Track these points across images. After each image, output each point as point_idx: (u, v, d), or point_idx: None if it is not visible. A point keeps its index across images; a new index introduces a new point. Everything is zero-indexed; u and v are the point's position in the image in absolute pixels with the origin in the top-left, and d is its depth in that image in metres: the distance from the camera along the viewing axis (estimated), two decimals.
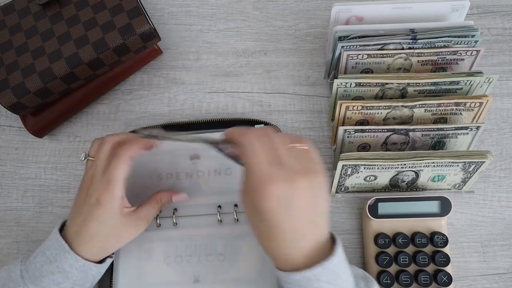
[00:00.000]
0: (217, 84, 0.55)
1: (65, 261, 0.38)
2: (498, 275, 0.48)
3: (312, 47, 0.57)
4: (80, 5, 0.50)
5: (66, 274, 0.38)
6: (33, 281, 0.38)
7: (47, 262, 0.38)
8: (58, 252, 0.38)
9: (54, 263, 0.38)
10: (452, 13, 0.48)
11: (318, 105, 0.54)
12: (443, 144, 0.47)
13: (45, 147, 0.54)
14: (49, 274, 0.38)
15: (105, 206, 0.38)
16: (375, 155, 0.43)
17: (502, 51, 0.56)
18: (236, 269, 0.45)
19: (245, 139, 0.34)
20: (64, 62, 0.48)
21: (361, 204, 0.50)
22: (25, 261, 0.40)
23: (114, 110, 0.55)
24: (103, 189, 0.38)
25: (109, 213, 0.39)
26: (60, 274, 0.38)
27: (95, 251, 0.40)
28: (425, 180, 0.47)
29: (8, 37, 0.50)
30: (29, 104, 0.49)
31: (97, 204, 0.38)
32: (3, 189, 0.52)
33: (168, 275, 0.45)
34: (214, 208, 0.47)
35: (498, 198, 0.50)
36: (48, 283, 0.38)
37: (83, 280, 0.39)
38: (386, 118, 0.46)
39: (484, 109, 0.45)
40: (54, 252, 0.38)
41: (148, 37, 0.50)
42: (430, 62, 0.47)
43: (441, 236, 0.46)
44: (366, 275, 0.40)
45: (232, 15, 0.58)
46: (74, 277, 0.38)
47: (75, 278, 0.38)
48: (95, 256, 0.40)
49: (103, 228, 0.39)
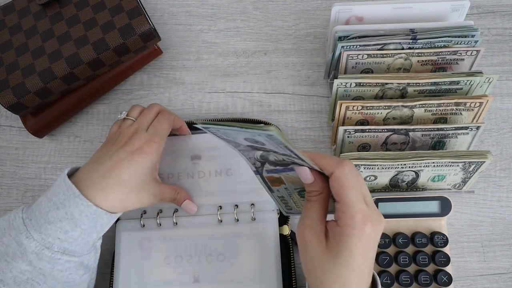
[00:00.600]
0: (217, 84, 0.55)
1: (75, 207, 0.35)
2: (498, 275, 0.48)
3: (312, 47, 0.57)
4: (80, 5, 0.50)
5: (75, 222, 0.35)
6: (37, 228, 0.35)
7: (54, 208, 0.35)
8: (66, 198, 0.36)
9: (62, 209, 0.35)
10: (452, 13, 0.48)
11: (318, 105, 0.54)
12: (443, 144, 0.47)
13: (45, 147, 0.54)
14: (56, 221, 0.35)
15: (148, 154, 0.39)
16: (375, 155, 0.43)
17: (502, 51, 0.56)
18: (236, 269, 0.45)
19: (341, 172, 0.31)
20: (64, 62, 0.48)
21: None
22: (27, 209, 0.37)
23: (114, 110, 0.55)
24: (149, 140, 0.39)
25: (146, 164, 0.39)
26: (69, 221, 0.35)
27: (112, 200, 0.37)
28: (425, 180, 0.47)
29: (8, 37, 0.50)
30: (29, 104, 0.49)
31: (139, 151, 0.38)
32: (3, 189, 0.52)
33: (168, 274, 0.45)
34: (214, 208, 0.47)
35: (498, 198, 0.50)
36: (54, 230, 0.35)
37: (91, 229, 0.37)
38: (386, 118, 0.46)
39: (484, 109, 0.45)
40: (62, 198, 0.36)
41: (148, 37, 0.50)
42: (430, 62, 0.47)
43: (441, 236, 0.46)
44: None
45: (232, 15, 0.58)
46: (83, 225, 0.36)
47: (84, 227, 0.36)
48: (110, 205, 0.38)
49: (134, 178, 0.38)
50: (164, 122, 0.42)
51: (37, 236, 0.35)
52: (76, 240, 0.36)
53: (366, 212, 0.30)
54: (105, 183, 0.37)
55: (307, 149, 0.52)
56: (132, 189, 0.39)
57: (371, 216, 0.30)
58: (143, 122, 0.42)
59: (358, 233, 0.30)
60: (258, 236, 0.46)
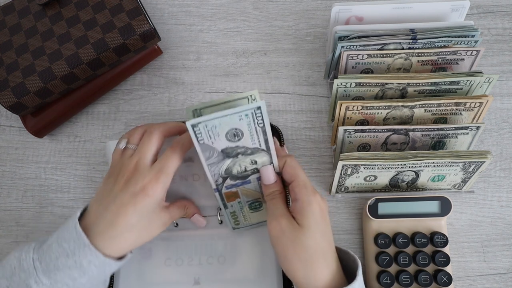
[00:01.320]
0: (217, 84, 0.55)
1: (83, 257, 0.36)
2: (498, 275, 0.48)
3: (312, 47, 0.57)
4: (80, 5, 0.50)
5: (83, 270, 0.36)
6: (47, 273, 0.35)
7: (64, 255, 0.36)
8: (76, 246, 0.36)
9: (72, 258, 0.35)
10: (452, 13, 0.48)
11: (318, 105, 0.54)
12: (443, 144, 0.47)
13: (45, 147, 0.54)
14: (65, 268, 0.35)
15: (152, 196, 0.37)
16: (375, 155, 0.43)
17: (502, 51, 0.56)
18: (236, 269, 0.45)
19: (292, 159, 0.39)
20: (64, 62, 0.48)
21: (361, 204, 0.50)
22: (38, 250, 0.37)
23: (114, 110, 0.55)
24: (153, 178, 0.37)
25: (153, 204, 0.37)
26: (77, 269, 0.36)
27: (122, 247, 0.38)
28: (425, 180, 0.47)
29: (8, 37, 0.50)
30: (29, 104, 0.49)
31: (142, 193, 0.36)
32: (3, 189, 0.52)
33: (168, 275, 0.45)
34: (214, 209, 0.47)
35: (498, 198, 0.50)
36: (63, 277, 0.35)
37: (99, 275, 0.37)
38: (386, 118, 0.46)
39: (484, 109, 0.45)
40: (72, 245, 0.36)
41: (148, 37, 0.50)
42: (430, 62, 0.47)
43: (441, 236, 0.46)
44: None
45: (232, 15, 0.58)
46: (91, 273, 0.36)
47: (91, 274, 0.36)
48: (120, 251, 0.38)
49: (143, 219, 0.37)
50: (173, 158, 0.38)
51: (46, 281, 0.35)
52: (84, 285, 0.37)
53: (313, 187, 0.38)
54: (113, 232, 0.36)
55: (307, 149, 0.52)
56: (142, 229, 0.38)
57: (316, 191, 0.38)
58: (145, 153, 0.39)
59: (314, 199, 0.37)
60: (258, 237, 0.46)
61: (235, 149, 0.37)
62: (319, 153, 0.52)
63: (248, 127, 0.35)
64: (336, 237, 0.49)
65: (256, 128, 0.35)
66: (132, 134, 0.41)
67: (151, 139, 0.39)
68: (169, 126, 0.41)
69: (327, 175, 0.52)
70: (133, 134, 0.41)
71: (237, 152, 0.37)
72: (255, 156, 0.38)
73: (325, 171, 0.52)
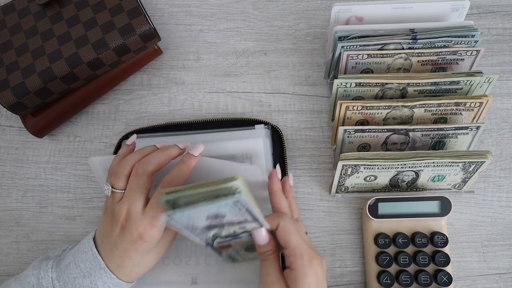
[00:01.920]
0: (217, 84, 0.55)
1: (99, 278, 0.37)
2: (498, 275, 0.48)
3: (312, 47, 0.57)
4: (80, 5, 0.50)
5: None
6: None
7: (81, 275, 0.37)
8: (93, 267, 0.38)
9: (88, 278, 0.37)
10: (452, 13, 0.48)
11: (318, 105, 0.54)
12: (443, 144, 0.47)
13: (45, 147, 0.54)
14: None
15: (150, 241, 0.37)
16: (375, 155, 0.43)
17: (502, 51, 0.56)
18: (234, 270, 0.45)
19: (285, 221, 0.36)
20: (64, 62, 0.48)
21: (361, 204, 0.50)
22: (56, 268, 0.39)
23: (114, 110, 0.55)
24: (147, 226, 0.36)
25: (153, 244, 0.38)
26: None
27: (135, 276, 0.39)
28: (425, 180, 0.47)
29: (8, 37, 0.50)
30: (29, 104, 0.49)
31: (140, 240, 0.37)
32: (3, 189, 0.52)
33: (166, 275, 0.45)
34: None
35: (498, 198, 0.50)
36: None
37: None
38: (386, 118, 0.46)
39: (484, 109, 0.45)
40: (89, 266, 0.38)
41: (148, 37, 0.50)
42: (430, 62, 0.47)
43: (441, 236, 0.46)
44: None
45: (232, 15, 0.58)
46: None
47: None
48: (131, 279, 0.40)
49: (146, 256, 0.38)
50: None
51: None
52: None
53: (310, 252, 0.35)
54: (123, 270, 0.38)
55: (307, 149, 0.52)
56: (149, 261, 0.39)
57: (314, 255, 0.36)
58: (135, 201, 0.37)
59: (310, 270, 0.34)
60: None
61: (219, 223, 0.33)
62: (319, 153, 0.52)
63: (231, 211, 0.31)
64: (336, 237, 0.49)
65: (239, 210, 0.31)
66: (116, 179, 0.39)
67: (139, 184, 0.38)
68: (158, 162, 0.39)
69: (327, 175, 0.52)
70: (117, 180, 0.39)
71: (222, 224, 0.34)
72: (243, 224, 0.34)
73: (325, 171, 0.52)
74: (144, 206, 0.38)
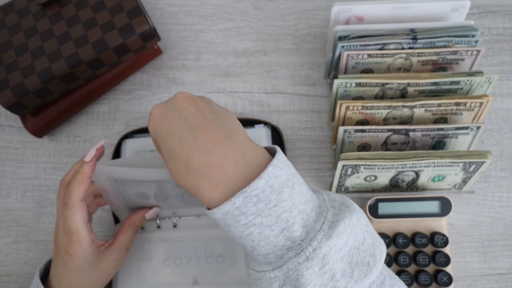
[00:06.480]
0: (217, 84, 0.55)
1: None
2: (498, 275, 0.48)
3: (312, 47, 0.57)
4: (79, 5, 0.50)
5: None
6: None
7: None
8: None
9: None
10: (453, 13, 0.48)
11: (318, 105, 0.54)
12: (443, 144, 0.47)
13: (45, 147, 0.54)
14: None
15: (75, 255, 0.37)
16: (375, 155, 0.43)
17: (503, 51, 0.56)
18: (235, 270, 0.45)
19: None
20: (64, 62, 0.48)
21: (361, 204, 0.50)
22: None
23: (114, 110, 0.55)
24: (68, 240, 0.37)
25: (83, 260, 0.37)
26: None
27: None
28: (425, 180, 0.47)
29: (7, 37, 0.50)
30: (29, 104, 0.49)
31: (67, 255, 0.37)
32: (3, 189, 0.52)
33: (167, 276, 0.45)
34: None
35: (499, 198, 0.50)
36: None
37: None
38: (386, 118, 0.46)
39: (485, 109, 0.45)
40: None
41: (148, 37, 0.50)
42: (431, 62, 0.47)
43: (441, 236, 0.46)
44: (347, 203, 0.30)
45: (232, 15, 0.58)
46: None
47: None
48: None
49: (83, 274, 0.38)
50: (71, 212, 0.36)
51: None
52: None
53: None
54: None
55: (307, 149, 0.52)
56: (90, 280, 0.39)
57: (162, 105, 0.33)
58: (58, 213, 0.38)
59: (159, 119, 0.32)
60: None
61: None
62: (319, 153, 0.52)
63: None
64: None
65: None
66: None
67: (58, 196, 0.39)
68: (76, 191, 0.37)
69: (327, 175, 0.51)
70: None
71: None
72: None
73: (325, 171, 0.52)
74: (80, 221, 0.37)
